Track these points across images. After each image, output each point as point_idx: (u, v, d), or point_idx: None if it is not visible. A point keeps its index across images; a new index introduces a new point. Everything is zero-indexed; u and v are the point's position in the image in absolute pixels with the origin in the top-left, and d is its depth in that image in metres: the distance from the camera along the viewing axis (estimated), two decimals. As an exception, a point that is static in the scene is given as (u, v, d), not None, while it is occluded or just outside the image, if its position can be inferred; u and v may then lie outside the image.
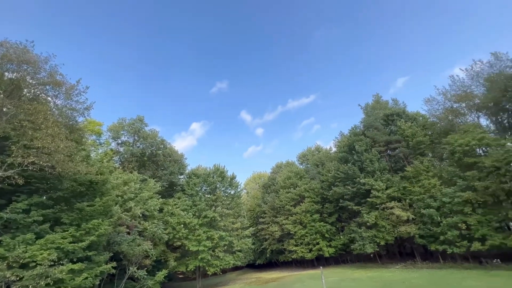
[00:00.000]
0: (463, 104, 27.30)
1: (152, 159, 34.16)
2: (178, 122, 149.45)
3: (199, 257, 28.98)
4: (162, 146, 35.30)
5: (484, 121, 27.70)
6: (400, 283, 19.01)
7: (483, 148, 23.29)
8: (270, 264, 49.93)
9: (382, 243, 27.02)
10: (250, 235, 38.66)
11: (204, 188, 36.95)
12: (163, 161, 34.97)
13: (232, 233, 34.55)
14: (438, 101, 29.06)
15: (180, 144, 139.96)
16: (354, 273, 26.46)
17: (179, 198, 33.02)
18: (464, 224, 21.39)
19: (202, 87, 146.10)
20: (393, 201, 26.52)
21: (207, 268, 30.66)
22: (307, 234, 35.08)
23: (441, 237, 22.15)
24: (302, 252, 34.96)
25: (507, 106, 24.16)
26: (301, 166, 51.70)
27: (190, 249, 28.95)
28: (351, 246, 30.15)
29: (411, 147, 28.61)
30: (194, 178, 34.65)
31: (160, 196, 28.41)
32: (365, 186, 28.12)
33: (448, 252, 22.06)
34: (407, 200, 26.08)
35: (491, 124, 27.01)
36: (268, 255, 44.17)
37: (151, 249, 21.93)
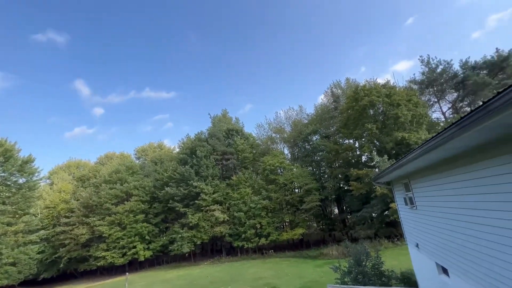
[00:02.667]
0: (278, 135, 36.84)
1: None
2: None
3: None
4: None
5: (286, 151, 38.78)
6: (205, 278, 21.20)
7: (281, 169, 32.16)
8: (64, 277, 39.27)
9: (199, 242, 29.39)
10: (39, 240, 28.82)
11: (-37, 169, 23.63)
12: None
13: (5, 238, 24.05)
14: (264, 128, 37.35)
15: None
16: (167, 274, 26.50)
17: None
18: (259, 225, 27.95)
19: (18, 28, 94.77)
20: (216, 204, 29.89)
21: None
22: (124, 237, 31.29)
23: (243, 235, 27.51)
24: (113, 257, 30.57)
25: (299, 144, 35.28)
26: (138, 161, 46.78)
27: None
28: (170, 247, 30.31)
29: (240, 160, 34.22)
30: None
31: None
32: (196, 189, 29.79)
33: (245, 247, 27.69)
34: (226, 204, 30.37)
35: (289, 154, 38.22)
36: (62, 265, 34.58)
37: None
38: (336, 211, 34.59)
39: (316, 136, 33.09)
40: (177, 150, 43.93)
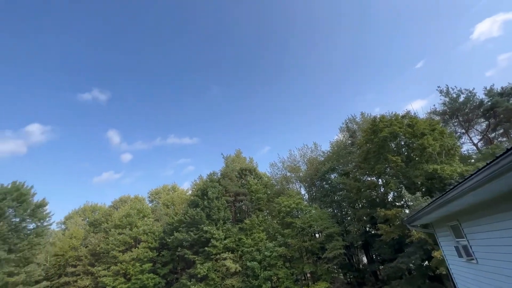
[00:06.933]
0: (293, 174, 34.96)
1: None
2: (4, 117, 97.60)
3: None
4: None
5: (303, 191, 36.28)
6: None
7: (298, 211, 29.45)
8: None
9: (208, 298, 25.86)
10: (40, 293, 26.86)
11: (-22, 214, 23.70)
12: None
13: (3, 291, 22.54)
14: (278, 167, 35.82)
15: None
16: None
17: None
18: (275, 277, 24.42)
19: (68, 87, 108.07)
20: (227, 252, 27.07)
21: None
22: (128, 290, 28.53)
23: (257, 290, 23.90)
24: (114, 315, 27.48)
25: (316, 183, 32.97)
26: (150, 204, 45.83)
27: None
28: (175, 304, 26.92)
29: (254, 201, 32.12)
30: (-42, 196, 21.61)
31: None
32: (206, 234, 27.55)
33: (260, 305, 23.78)
34: (239, 252, 27.42)
35: (306, 194, 35.62)
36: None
37: None
38: (365, 260, 30.07)
39: (334, 174, 30.86)
40: (190, 192, 42.84)
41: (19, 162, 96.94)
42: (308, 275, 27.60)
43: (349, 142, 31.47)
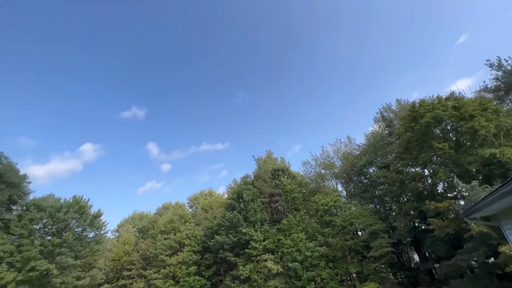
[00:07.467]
0: (327, 171, 33.82)
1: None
2: (63, 140, 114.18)
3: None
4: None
5: (340, 187, 34.85)
6: None
7: (337, 209, 28.35)
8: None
9: (252, 299, 26.14)
10: (103, 294, 29.84)
11: (49, 227, 27.23)
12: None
13: (74, 293, 25.52)
14: (311, 165, 35.00)
15: (55, 166, 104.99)
16: None
17: (-7, 239, 22.43)
18: (319, 278, 23.77)
19: (111, 107, 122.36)
20: (267, 253, 27.13)
21: None
22: (177, 292, 30.21)
23: (301, 291, 23.49)
24: (167, 315, 29.27)
25: (354, 178, 31.44)
26: (190, 210, 48.07)
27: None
28: (222, 305, 27.72)
29: (289, 201, 31.75)
30: (32, 211, 25.08)
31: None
32: (245, 236, 27.96)
33: (305, 307, 23.32)
34: (279, 253, 27.29)
35: (343, 191, 34.16)
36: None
37: None
38: (416, 258, 27.76)
39: (373, 168, 29.10)
40: (226, 196, 43.97)
41: (77, 178, 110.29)
42: (354, 275, 26.37)
43: (386, 132, 29.47)
